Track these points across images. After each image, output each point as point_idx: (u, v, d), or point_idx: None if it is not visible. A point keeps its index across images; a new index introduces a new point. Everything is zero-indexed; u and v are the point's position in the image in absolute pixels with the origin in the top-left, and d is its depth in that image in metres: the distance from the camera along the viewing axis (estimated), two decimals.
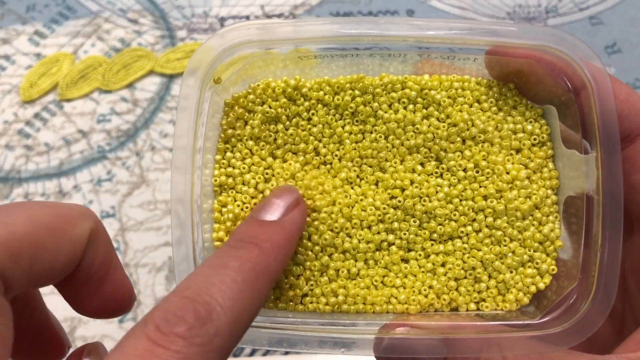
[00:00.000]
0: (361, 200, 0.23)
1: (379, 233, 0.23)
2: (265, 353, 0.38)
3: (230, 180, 0.23)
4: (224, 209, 0.23)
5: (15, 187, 0.41)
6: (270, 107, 0.23)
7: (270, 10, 0.46)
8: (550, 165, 0.23)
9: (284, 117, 0.23)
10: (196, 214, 0.22)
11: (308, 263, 0.23)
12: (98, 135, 0.42)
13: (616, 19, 0.45)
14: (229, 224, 0.23)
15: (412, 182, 0.23)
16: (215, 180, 0.23)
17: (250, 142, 0.23)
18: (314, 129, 0.23)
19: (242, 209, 0.23)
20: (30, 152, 0.42)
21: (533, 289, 0.23)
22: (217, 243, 0.22)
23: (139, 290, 0.39)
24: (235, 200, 0.23)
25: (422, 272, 0.23)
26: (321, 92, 0.23)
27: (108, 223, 0.40)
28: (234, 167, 0.23)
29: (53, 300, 0.41)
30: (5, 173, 0.41)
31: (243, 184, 0.23)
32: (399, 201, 0.23)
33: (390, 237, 0.23)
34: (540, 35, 0.22)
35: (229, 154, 0.23)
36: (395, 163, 0.23)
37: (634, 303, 0.23)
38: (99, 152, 0.42)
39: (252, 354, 0.38)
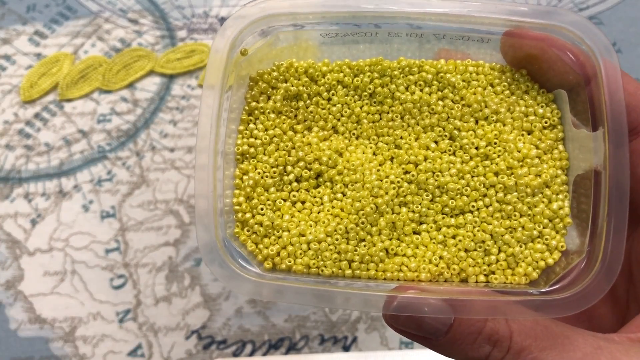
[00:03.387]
0: (378, 171, 0.24)
1: (393, 204, 0.24)
2: (266, 353, 0.38)
3: (252, 149, 0.24)
4: (244, 177, 0.24)
5: (15, 187, 0.41)
6: (292, 85, 0.25)
7: None
8: (561, 147, 0.24)
9: (305, 95, 0.25)
10: (219, 181, 0.23)
11: (325, 227, 0.24)
12: (98, 135, 0.42)
13: (616, 19, 0.45)
14: (248, 189, 0.24)
15: (425, 158, 0.24)
16: (238, 149, 0.24)
17: (272, 115, 0.25)
18: (334, 108, 0.25)
19: (262, 177, 0.24)
20: (31, 152, 0.42)
21: (542, 264, 0.23)
22: (237, 207, 0.24)
23: (139, 290, 0.39)
24: (256, 169, 0.24)
25: (433, 243, 0.24)
26: (341, 74, 0.25)
27: (108, 223, 0.40)
28: (256, 138, 0.24)
29: (52, 300, 0.41)
30: (6, 173, 0.41)
31: (264, 153, 0.24)
32: (413, 175, 0.24)
33: (403, 209, 0.24)
34: (556, 16, 0.23)
35: (251, 125, 0.25)
36: (410, 140, 0.24)
37: (639, 292, 0.23)
38: (99, 152, 0.42)
39: (252, 353, 0.38)
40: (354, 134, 0.25)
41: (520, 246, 0.23)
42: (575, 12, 0.22)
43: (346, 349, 0.38)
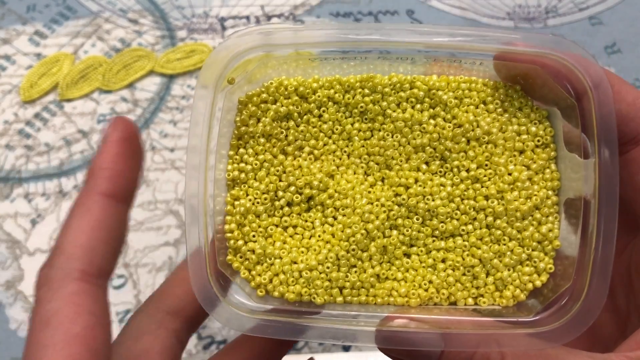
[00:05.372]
0: (369, 193, 0.24)
1: (384, 227, 0.23)
2: None
3: (242, 175, 0.24)
4: (236, 202, 0.24)
5: (15, 187, 0.41)
6: (282, 105, 0.24)
7: (270, 10, 0.46)
8: (553, 166, 0.24)
9: (295, 114, 0.24)
10: (209, 207, 0.22)
11: (316, 254, 0.23)
12: (98, 135, 0.42)
13: (616, 19, 0.45)
14: (239, 217, 0.24)
15: (416, 181, 0.24)
16: (229, 175, 0.24)
17: (262, 140, 0.24)
18: (325, 126, 0.24)
19: (253, 204, 0.24)
20: (31, 152, 0.42)
21: (530, 286, 0.23)
22: (229, 234, 0.23)
23: (139, 290, 0.39)
24: (247, 195, 0.24)
25: (423, 267, 0.23)
26: (332, 90, 0.24)
27: None
28: (246, 163, 0.24)
29: None
30: (6, 173, 0.41)
31: (255, 179, 0.24)
32: (403, 199, 0.23)
33: (394, 232, 0.23)
34: (542, 42, 0.22)
35: (241, 150, 0.24)
36: (401, 161, 0.24)
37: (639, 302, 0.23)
38: None
39: None
40: (345, 151, 0.24)
41: (509, 270, 0.23)
42: (557, 28, 0.22)
43: (346, 349, 0.38)
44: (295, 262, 0.23)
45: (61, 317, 0.19)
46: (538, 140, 0.24)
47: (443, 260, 0.23)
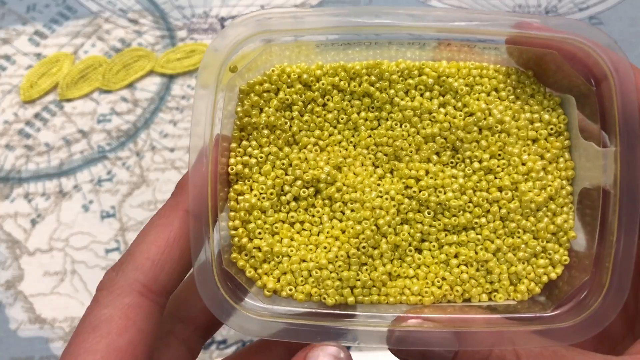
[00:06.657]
0: (378, 186, 0.23)
1: (395, 223, 0.23)
2: None
3: (246, 169, 0.23)
4: (239, 198, 0.22)
5: (15, 187, 0.41)
6: (285, 95, 0.23)
7: None
8: (567, 155, 0.23)
9: (299, 103, 0.23)
10: (212, 203, 0.21)
11: (325, 252, 0.22)
12: (98, 135, 0.42)
13: (616, 19, 0.44)
14: (242, 213, 0.22)
15: (427, 173, 0.23)
16: (232, 169, 0.23)
17: (266, 131, 0.23)
18: (329, 115, 0.23)
19: (258, 199, 0.22)
20: (31, 152, 0.42)
21: (545, 279, 0.22)
22: (233, 232, 0.22)
23: None
24: (252, 190, 0.23)
25: (436, 263, 0.23)
26: (336, 78, 0.23)
27: (108, 223, 0.40)
28: (250, 156, 0.23)
29: (52, 300, 0.41)
30: (6, 173, 0.41)
31: (260, 173, 0.23)
32: (414, 191, 0.22)
33: (405, 227, 0.22)
34: (561, 25, 0.21)
35: (245, 142, 0.23)
36: (411, 152, 0.23)
37: None
38: (99, 152, 0.41)
39: None
40: (351, 142, 0.23)
41: (523, 263, 0.22)
42: (585, 23, 0.21)
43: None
44: (304, 261, 0.22)
45: (111, 326, 0.19)
46: (551, 129, 0.23)
47: (456, 256, 0.23)
